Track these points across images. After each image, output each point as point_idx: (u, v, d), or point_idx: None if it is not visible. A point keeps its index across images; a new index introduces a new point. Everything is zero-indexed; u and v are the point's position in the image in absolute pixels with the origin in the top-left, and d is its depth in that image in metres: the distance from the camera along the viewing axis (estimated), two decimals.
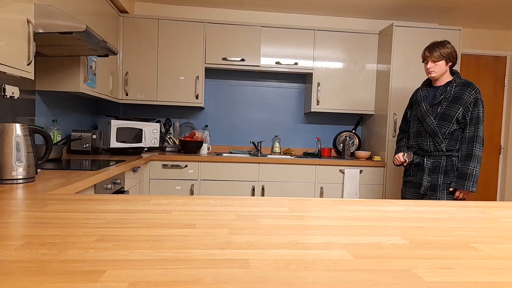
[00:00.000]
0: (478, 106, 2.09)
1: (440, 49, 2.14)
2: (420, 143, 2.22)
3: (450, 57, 2.14)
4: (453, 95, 2.14)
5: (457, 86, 2.15)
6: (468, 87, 2.12)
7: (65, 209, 0.99)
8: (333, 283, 0.56)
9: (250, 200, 1.22)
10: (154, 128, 3.23)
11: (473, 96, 2.10)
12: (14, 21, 1.54)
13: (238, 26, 3.36)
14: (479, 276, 0.60)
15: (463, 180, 2.06)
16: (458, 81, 2.16)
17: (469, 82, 2.15)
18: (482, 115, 2.10)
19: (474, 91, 2.11)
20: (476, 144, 2.08)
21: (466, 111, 2.10)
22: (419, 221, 0.99)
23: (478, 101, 2.10)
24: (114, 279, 0.54)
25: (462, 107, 2.10)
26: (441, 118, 2.14)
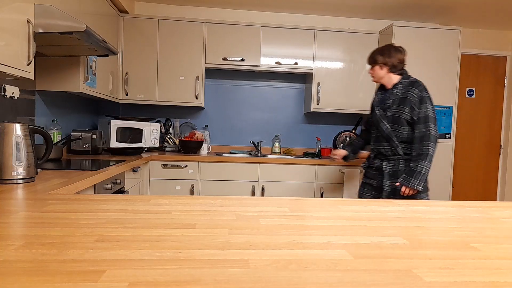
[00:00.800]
0: (425, 103, 2.03)
1: (376, 55, 2.13)
2: (380, 147, 2.18)
3: (385, 65, 2.11)
4: (400, 96, 2.09)
5: (404, 87, 2.09)
6: (413, 86, 2.06)
7: (65, 209, 0.99)
8: (333, 283, 0.56)
9: (250, 200, 1.22)
10: (154, 128, 3.23)
11: (418, 94, 2.04)
12: (14, 21, 1.54)
13: (238, 26, 3.36)
14: (479, 276, 0.60)
15: (410, 177, 2.00)
16: (404, 81, 2.11)
17: (414, 81, 2.09)
18: (431, 113, 2.03)
19: (418, 89, 2.05)
20: (428, 143, 2.00)
21: (413, 111, 2.03)
22: (419, 221, 0.99)
23: (424, 99, 2.03)
24: (114, 279, 0.54)
25: (408, 107, 2.04)
26: (393, 122, 2.09)
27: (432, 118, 2.02)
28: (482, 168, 4.14)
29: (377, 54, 2.13)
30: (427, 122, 2.01)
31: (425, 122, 2.01)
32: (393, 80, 2.14)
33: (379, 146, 2.18)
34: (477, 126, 4.10)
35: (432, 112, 2.03)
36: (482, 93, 4.09)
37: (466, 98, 4.07)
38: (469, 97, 4.07)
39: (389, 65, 2.11)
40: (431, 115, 2.02)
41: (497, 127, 4.14)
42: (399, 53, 2.12)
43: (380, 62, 2.12)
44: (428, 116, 2.02)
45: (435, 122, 2.03)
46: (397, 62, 2.11)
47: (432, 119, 2.02)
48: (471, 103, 4.08)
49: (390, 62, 2.10)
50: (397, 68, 2.12)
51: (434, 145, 2.01)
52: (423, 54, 3.29)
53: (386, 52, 2.11)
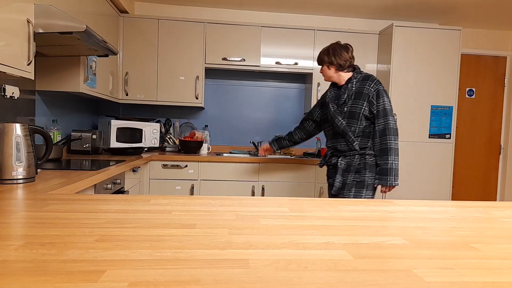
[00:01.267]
0: (382, 97, 2.02)
1: (323, 55, 2.12)
2: (335, 144, 2.16)
3: (331, 64, 2.10)
4: (355, 91, 2.07)
5: (358, 81, 2.08)
6: (368, 80, 2.06)
7: (65, 209, 0.99)
8: (333, 283, 0.56)
9: (250, 200, 1.22)
10: (154, 128, 3.23)
11: (374, 88, 2.03)
12: (14, 21, 1.54)
13: (238, 26, 3.36)
14: (479, 276, 0.60)
15: (385, 176, 2.00)
16: (358, 76, 2.09)
17: (369, 75, 2.09)
18: (389, 106, 2.03)
19: (374, 83, 2.04)
20: (389, 137, 2.00)
21: (371, 105, 2.02)
22: (419, 221, 0.99)
23: (381, 92, 2.03)
24: (114, 279, 0.54)
25: (365, 101, 2.03)
26: (349, 117, 2.06)
27: (390, 111, 2.02)
28: (482, 168, 4.14)
29: (324, 54, 2.12)
30: (386, 116, 2.01)
31: (384, 116, 2.01)
32: (344, 77, 2.12)
33: (335, 143, 2.16)
34: (477, 126, 4.10)
35: (389, 105, 2.03)
36: (482, 93, 4.09)
37: (466, 98, 4.07)
38: (469, 97, 4.07)
39: (335, 65, 2.09)
40: (388, 108, 2.02)
41: (497, 127, 4.14)
42: (345, 51, 2.09)
43: (326, 62, 2.11)
44: (386, 109, 2.01)
45: (392, 114, 2.04)
46: (343, 61, 2.08)
47: (390, 112, 2.02)
48: (471, 103, 4.08)
49: (335, 61, 2.08)
50: (344, 67, 2.10)
51: (395, 138, 2.01)
52: (423, 54, 3.29)
53: (331, 51, 2.10)
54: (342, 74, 2.12)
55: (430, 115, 3.32)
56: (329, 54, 2.10)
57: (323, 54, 2.13)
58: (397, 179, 2.01)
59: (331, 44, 2.14)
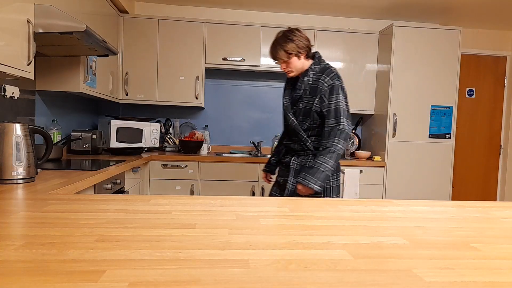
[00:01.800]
0: (337, 94, 1.74)
1: (284, 45, 1.77)
2: (289, 142, 1.93)
3: (300, 50, 1.78)
4: (311, 85, 1.79)
5: (315, 74, 1.80)
6: (323, 74, 1.77)
7: (65, 209, 0.99)
8: (333, 283, 0.56)
9: (250, 200, 1.22)
10: (154, 128, 3.23)
11: (328, 83, 1.75)
12: (14, 21, 1.54)
13: (238, 26, 3.36)
14: (479, 276, 0.60)
15: (307, 174, 1.72)
16: (315, 67, 1.81)
17: (326, 67, 1.81)
18: (343, 104, 1.75)
19: (329, 77, 1.76)
20: (335, 139, 1.72)
21: (322, 102, 1.75)
22: (419, 221, 0.99)
23: (335, 88, 1.75)
24: (114, 279, 0.54)
25: (317, 98, 1.76)
26: (303, 114, 1.82)
27: (343, 111, 1.75)
28: (482, 168, 4.14)
29: (287, 44, 1.77)
30: (338, 116, 1.74)
31: (336, 116, 1.74)
32: (305, 67, 1.84)
33: (289, 141, 1.94)
34: (477, 126, 4.10)
35: (344, 103, 1.76)
36: (482, 93, 4.09)
37: (466, 98, 4.07)
38: (469, 97, 4.07)
39: (306, 50, 1.80)
40: (342, 107, 1.75)
41: (497, 127, 4.14)
42: (301, 32, 1.81)
43: (294, 50, 1.77)
44: (339, 109, 1.74)
45: (347, 115, 1.76)
46: (308, 42, 1.81)
47: (344, 111, 1.75)
48: (471, 103, 4.08)
49: (303, 45, 1.79)
50: (310, 50, 1.83)
51: (343, 142, 1.74)
52: (423, 54, 3.29)
53: (293, 37, 1.77)
54: (306, 62, 1.83)
55: (430, 115, 3.32)
56: (294, 41, 1.77)
57: (285, 44, 1.77)
58: (319, 184, 1.70)
59: (281, 33, 1.81)
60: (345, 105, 1.76)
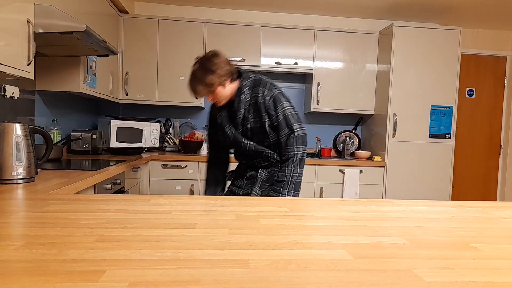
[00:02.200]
0: (280, 103, 1.67)
1: (203, 79, 1.62)
2: (251, 161, 1.82)
3: (224, 77, 1.64)
4: (251, 102, 1.69)
5: (250, 89, 1.70)
6: (259, 87, 1.68)
7: (65, 209, 0.99)
8: (333, 283, 0.56)
9: (250, 200, 1.22)
10: (154, 128, 3.23)
11: (269, 95, 1.67)
12: (14, 21, 1.54)
13: (238, 26, 3.36)
14: (479, 276, 0.60)
15: (279, 188, 1.67)
16: (246, 82, 1.71)
17: (257, 79, 1.70)
18: (290, 110, 1.68)
19: (267, 88, 1.67)
20: (294, 147, 1.68)
21: (271, 117, 1.68)
22: (419, 221, 0.99)
23: (277, 97, 1.67)
24: (114, 279, 0.54)
25: (264, 113, 1.67)
26: (258, 133, 1.72)
27: (293, 117, 1.68)
28: (482, 168, 4.14)
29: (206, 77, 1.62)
30: (290, 124, 1.67)
31: (288, 125, 1.67)
32: (235, 88, 1.71)
33: (250, 159, 1.82)
34: (477, 126, 4.10)
35: (290, 109, 1.69)
36: (482, 93, 4.09)
37: (466, 98, 4.07)
38: (469, 97, 4.07)
39: (229, 76, 1.67)
40: (290, 113, 1.68)
41: (497, 127, 4.14)
42: (220, 56, 1.66)
43: (217, 82, 1.63)
44: (288, 117, 1.67)
45: (297, 119, 1.70)
46: (230, 67, 1.68)
47: (294, 117, 1.68)
48: (471, 103, 4.08)
49: (225, 71, 1.64)
50: (234, 72, 1.70)
51: (302, 147, 1.69)
52: (423, 54, 3.29)
53: (212, 67, 1.62)
54: (233, 84, 1.71)
55: (430, 115, 3.32)
56: (215, 71, 1.62)
57: (206, 77, 1.62)
58: (292, 193, 1.67)
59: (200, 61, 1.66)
60: (292, 110, 1.70)
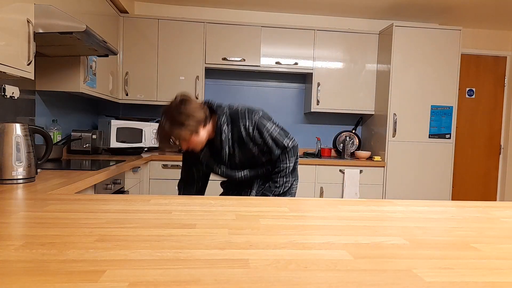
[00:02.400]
0: (264, 127, 1.62)
1: (176, 132, 1.50)
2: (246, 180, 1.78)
3: (196, 126, 1.53)
4: (233, 138, 1.64)
5: (228, 125, 1.62)
6: (238, 120, 1.61)
7: (65, 209, 0.99)
8: (333, 283, 0.56)
9: (250, 200, 1.22)
10: (154, 128, 3.23)
11: (251, 126, 1.60)
12: (14, 21, 1.54)
13: (238, 26, 3.36)
14: (479, 276, 0.60)
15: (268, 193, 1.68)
16: (223, 118, 1.62)
17: (234, 112, 1.62)
18: (275, 130, 1.64)
19: (247, 119, 1.60)
20: (286, 161, 1.66)
21: (260, 146, 1.64)
22: (419, 221, 0.99)
23: (259, 124, 1.61)
24: (114, 279, 0.54)
25: (251, 143, 1.63)
26: (248, 162, 1.69)
27: (280, 135, 1.65)
28: (482, 168, 4.14)
29: (176, 130, 1.50)
30: (280, 143, 1.64)
31: (278, 145, 1.64)
32: (211, 129, 1.63)
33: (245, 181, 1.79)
34: (477, 126, 4.10)
35: (274, 128, 1.65)
36: (482, 93, 4.09)
37: (466, 98, 4.07)
38: (469, 97, 4.07)
39: (201, 122, 1.55)
40: (277, 134, 1.64)
41: (497, 127, 4.14)
42: (190, 102, 1.54)
43: (190, 133, 1.52)
44: (276, 137, 1.63)
45: (285, 133, 1.67)
46: (202, 111, 1.56)
47: (281, 134, 1.65)
48: (471, 103, 4.08)
49: (196, 121, 1.53)
50: (207, 115, 1.59)
51: (293, 157, 1.68)
52: (423, 54, 3.29)
53: (181, 117, 1.50)
54: (209, 126, 1.62)
55: (430, 115, 3.32)
56: (184, 123, 1.50)
57: (177, 129, 1.50)
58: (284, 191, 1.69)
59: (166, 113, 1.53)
60: (277, 128, 1.66)
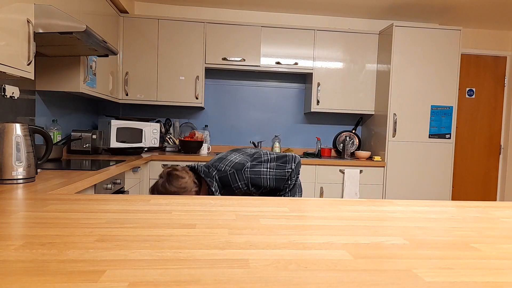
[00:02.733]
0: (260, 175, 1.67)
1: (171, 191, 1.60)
2: None
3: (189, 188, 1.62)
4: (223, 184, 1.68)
5: (221, 190, 1.70)
6: (229, 183, 1.67)
7: (65, 209, 0.99)
8: (333, 283, 0.56)
9: (250, 200, 1.22)
10: (154, 128, 3.23)
11: (243, 185, 1.67)
12: (14, 21, 1.54)
13: (238, 26, 3.36)
14: (479, 276, 0.60)
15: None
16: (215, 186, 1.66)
17: (224, 176, 1.66)
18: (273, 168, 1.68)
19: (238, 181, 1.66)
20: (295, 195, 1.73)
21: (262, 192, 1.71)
22: (419, 221, 0.99)
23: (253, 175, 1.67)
24: (114, 279, 0.54)
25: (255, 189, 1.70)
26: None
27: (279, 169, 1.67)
28: (482, 168, 4.14)
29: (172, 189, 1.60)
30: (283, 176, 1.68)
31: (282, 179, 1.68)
32: (205, 189, 1.70)
33: None
34: (477, 126, 4.10)
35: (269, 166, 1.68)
36: (482, 93, 4.09)
37: (466, 98, 4.07)
38: (469, 97, 4.07)
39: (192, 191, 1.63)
40: (274, 168, 1.67)
41: (497, 127, 4.14)
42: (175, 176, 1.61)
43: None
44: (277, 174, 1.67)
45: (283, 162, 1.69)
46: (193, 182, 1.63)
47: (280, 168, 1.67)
48: (471, 103, 4.08)
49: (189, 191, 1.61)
50: (195, 182, 1.65)
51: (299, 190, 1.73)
52: (423, 54, 3.29)
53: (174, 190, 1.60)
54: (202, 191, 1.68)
55: (430, 115, 3.32)
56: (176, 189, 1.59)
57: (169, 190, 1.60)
58: None
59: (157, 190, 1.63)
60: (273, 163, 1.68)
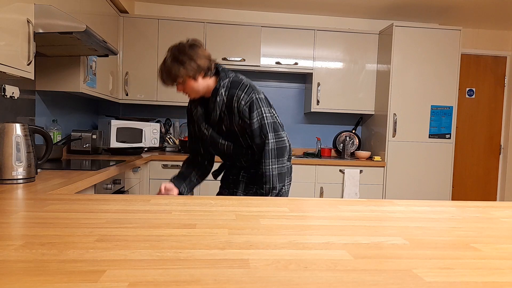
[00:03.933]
0: (257, 109, 1.52)
1: (172, 69, 1.48)
2: (233, 161, 1.72)
3: (195, 71, 1.50)
4: (225, 104, 1.56)
5: (226, 90, 1.55)
6: (236, 89, 1.53)
7: (65, 209, 0.99)
8: (333, 283, 0.56)
9: (250, 200, 1.22)
10: (154, 128, 3.23)
11: (245, 100, 1.52)
12: (14, 21, 1.54)
13: (238, 26, 3.36)
14: (479, 276, 0.60)
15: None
16: (224, 82, 1.55)
17: (237, 80, 1.56)
18: (268, 120, 1.54)
19: (244, 93, 1.52)
20: (268, 161, 1.53)
21: (244, 123, 1.54)
22: (419, 221, 0.99)
23: (254, 104, 1.52)
24: (114, 279, 0.54)
25: (238, 118, 1.55)
26: (233, 136, 1.61)
27: (269, 126, 1.53)
28: (482, 168, 4.14)
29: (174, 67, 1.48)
30: (264, 133, 1.53)
31: (261, 135, 1.53)
32: (211, 86, 1.57)
33: (231, 160, 1.72)
34: (477, 126, 4.10)
35: (269, 117, 1.54)
36: (482, 93, 4.09)
37: (466, 98, 4.07)
38: (469, 97, 4.07)
39: (201, 71, 1.51)
40: (267, 122, 1.53)
41: (497, 127, 4.14)
42: (198, 48, 1.51)
43: (186, 75, 1.50)
44: (263, 125, 1.53)
45: (275, 128, 1.55)
46: (207, 61, 1.53)
47: (270, 126, 1.54)
48: (471, 103, 4.08)
49: (200, 65, 1.50)
50: (211, 68, 1.55)
51: (276, 160, 1.53)
52: (423, 54, 3.29)
53: (184, 57, 1.48)
54: (209, 80, 1.56)
55: (430, 115, 3.32)
56: (185, 63, 1.47)
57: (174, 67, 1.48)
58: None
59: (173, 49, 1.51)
60: (271, 118, 1.55)
